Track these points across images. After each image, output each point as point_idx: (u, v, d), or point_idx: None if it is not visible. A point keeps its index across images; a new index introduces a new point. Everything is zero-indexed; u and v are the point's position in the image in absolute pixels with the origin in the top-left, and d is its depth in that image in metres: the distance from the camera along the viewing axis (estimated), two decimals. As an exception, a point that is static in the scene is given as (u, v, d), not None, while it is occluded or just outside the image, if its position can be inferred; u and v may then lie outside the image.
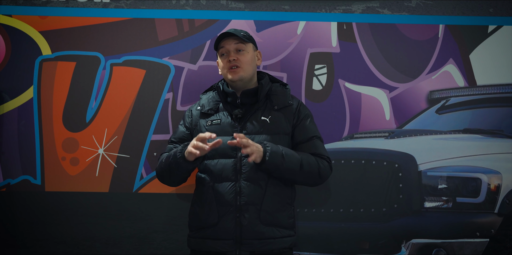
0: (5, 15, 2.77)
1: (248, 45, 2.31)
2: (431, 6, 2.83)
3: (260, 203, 2.19)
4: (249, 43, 2.32)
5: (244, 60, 2.27)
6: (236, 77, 2.26)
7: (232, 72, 2.26)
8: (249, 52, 2.30)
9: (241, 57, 2.27)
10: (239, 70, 2.26)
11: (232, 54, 2.27)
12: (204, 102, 2.36)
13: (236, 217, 2.17)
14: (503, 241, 2.71)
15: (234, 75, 2.26)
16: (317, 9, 2.82)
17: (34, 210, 2.72)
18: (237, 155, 2.21)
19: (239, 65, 2.26)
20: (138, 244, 2.72)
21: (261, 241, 2.18)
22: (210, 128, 2.26)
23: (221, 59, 2.31)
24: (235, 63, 2.26)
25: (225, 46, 2.28)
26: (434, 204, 2.72)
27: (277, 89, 2.36)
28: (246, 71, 2.28)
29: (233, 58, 2.25)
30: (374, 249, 2.71)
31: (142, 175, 2.74)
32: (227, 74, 2.27)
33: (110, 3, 2.79)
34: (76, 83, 2.76)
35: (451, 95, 2.80)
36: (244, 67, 2.27)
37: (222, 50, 2.30)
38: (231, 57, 2.26)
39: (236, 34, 2.27)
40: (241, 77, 2.26)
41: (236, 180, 2.19)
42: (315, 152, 2.28)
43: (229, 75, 2.26)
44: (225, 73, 2.29)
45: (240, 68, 2.26)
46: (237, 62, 2.26)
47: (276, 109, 2.29)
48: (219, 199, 2.19)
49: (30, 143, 2.74)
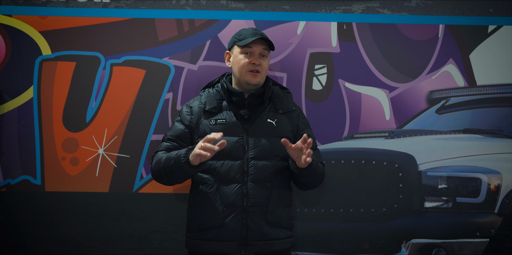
0: (5, 15, 2.77)
1: (269, 53, 2.35)
2: (431, 6, 2.83)
3: (266, 204, 2.19)
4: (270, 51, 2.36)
5: (265, 67, 2.31)
6: (255, 81, 2.27)
7: (253, 75, 2.27)
8: (268, 59, 2.34)
9: (264, 63, 2.30)
10: (258, 76, 2.28)
11: (257, 58, 2.28)
12: (205, 99, 2.33)
13: (242, 218, 2.17)
14: (503, 241, 2.71)
15: (253, 79, 2.27)
16: (317, 9, 2.82)
17: (34, 210, 2.72)
18: (244, 156, 2.21)
19: (260, 70, 2.28)
20: (138, 244, 2.72)
21: (266, 242, 2.18)
22: (214, 127, 2.24)
23: (244, 57, 2.29)
24: (257, 68, 2.27)
25: (253, 47, 2.28)
26: (434, 204, 2.72)
27: (279, 92, 2.38)
28: (263, 78, 2.32)
29: (259, 63, 2.27)
30: (374, 249, 2.71)
31: (142, 175, 2.74)
32: (246, 75, 2.27)
33: (110, 3, 2.79)
34: (76, 83, 2.76)
35: (451, 95, 2.80)
36: (263, 73, 2.31)
37: (248, 49, 2.28)
38: (256, 61, 2.27)
39: (268, 42, 2.30)
40: (258, 83, 2.29)
41: (242, 182, 2.19)
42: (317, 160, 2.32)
43: (248, 77, 2.27)
44: (243, 73, 2.28)
45: (260, 74, 2.29)
46: (259, 68, 2.27)
47: (281, 113, 2.30)
48: (224, 200, 2.18)
49: (30, 143, 2.74)
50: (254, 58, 2.26)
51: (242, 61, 2.27)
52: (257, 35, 2.26)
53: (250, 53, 2.28)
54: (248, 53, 2.28)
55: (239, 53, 2.29)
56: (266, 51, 2.31)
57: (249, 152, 2.21)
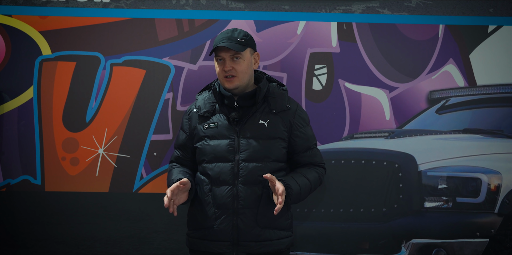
0: (5, 15, 2.77)
1: (245, 52, 2.24)
2: (431, 6, 2.83)
3: (257, 206, 2.19)
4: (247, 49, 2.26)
5: (240, 69, 2.22)
6: (232, 86, 2.22)
7: (228, 81, 2.22)
8: (245, 60, 2.23)
9: (237, 66, 2.21)
10: (234, 80, 2.22)
11: (228, 64, 2.20)
12: (200, 104, 2.31)
13: (233, 219, 2.18)
14: (503, 241, 2.71)
15: (229, 85, 2.22)
16: (317, 9, 2.82)
17: (34, 210, 2.72)
18: (235, 159, 2.20)
19: (234, 74, 2.22)
20: (138, 244, 2.72)
21: (258, 243, 2.18)
22: (207, 131, 2.24)
23: (218, 64, 2.25)
24: (230, 73, 2.22)
25: (221, 54, 2.22)
26: (434, 204, 2.72)
27: (275, 90, 2.31)
28: (242, 80, 2.23)
29: (229, 69, 2.21)
30: (374, 249, 2.71)
31: (142, 175, 2.74)
32: (224, 82, 2.24)
33: (110, 3, 2.79)
34: (76, 83, 2.76)
35: (451, 95, 2.80)
36: (240, 76, 2.22)
37: (218, 56, 2.24)
38: (226, 67, 2.20)
39: (230, 47, 2.19)
40: (236, 86, 2.22)
41: (233, 184, 2.19)
42: (314, 160, 2.29)
43: (225, 84, 2.23)
44: (221, 80, 2.25)
45: (236, 77, 2.21)
46: (232, 72, 2.21)
47: (274, 113, 2.27)
48: (216, 202, 2.19)
49: (30, 143, 2.74)
50: (225, 65, 2.22)
51: (217, 69, 2.25)
52: (223, 41, 2.20)
53: (222, 59, 2.23)
54: (221, 60, 2.24)
55: (215, 60, 2.28)
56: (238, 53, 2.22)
57: (240, 154, 2.20)
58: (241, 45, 2.22)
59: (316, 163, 2.30)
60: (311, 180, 2.24)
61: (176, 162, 2.33)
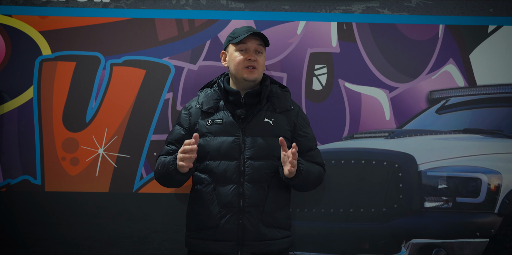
0: (5, 15, 2.77)
1: (265, 48, 2.33)
2: (431, 6, 2.83)
3: (263, 205, 2.19)
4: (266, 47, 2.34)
5: (261, 63, 2.28)
6: (252, 77, 2.24)
7: (249, 71, 2.24)
8: (264, 56, 2.31)
9: (259, 59, 2.27)
10: (255, 72, 2.25)
11: (253, 54, 2.25)
12: (203, 100, 2.31)
13: (238, 218, 2.17)
14: (503, 241, 2.71)
15: (250, 75, 2.24)
16: (317, 9, 2.82)
17: (34, 210, 2.72)
18: (240, 156, 2.20)
19: (256, 66, 2.25)
20: (138, 244, 2.72)
21: (263, 243, 2.18)
22: (211, 127, 2.24)
23: (239, 54, 2.27)
24: (253, 64, 2.25)
25: (247, 43, 2.26)
26: (434, 204, 2.72)
27: (278, 91, 2.35)
28: (260, 74, 2.28)
29: (254, 59, 2.24)
30: (374, 249, 2.71)
31: (142, 175, 2.74)
32: (243, 72, 2.24)
33: (110, 3, 2.79)
34: (76, 83, 2.76)
35: (451, 95, 2.80)
36: (259, 69, 2.27)
37: (242, 46, 2.26)
38: (252, 57, 2.24)
39: (262, 38, 2.27)
40: (255, 79, 2.25)
41: (239, 182, 2.18)
42: (316, 160, 2.31)
43: (245, 74, 2.24)
44: (239, 70, 2.25)
45: (256, 70, 2.25)
46: (255, 63, 2.25)
47: (278, 112, 2.28)
48: (221, 201, 2.18)
49: (30, 143, 2.74)
50: (250, 54, 2.25)
51: (238, 58, 2.25)
52: (251, 32, 2.25)
53: (245, 50, 2.26)
54: (243, 50, 2.26)
55: (234, 51, 2.28)
56: (261, 47, 2.28)
57: (246, 152, 2.20)
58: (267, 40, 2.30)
59: (318, 163, 2.31)
60: (316, 171, 2.26)
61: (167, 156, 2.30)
